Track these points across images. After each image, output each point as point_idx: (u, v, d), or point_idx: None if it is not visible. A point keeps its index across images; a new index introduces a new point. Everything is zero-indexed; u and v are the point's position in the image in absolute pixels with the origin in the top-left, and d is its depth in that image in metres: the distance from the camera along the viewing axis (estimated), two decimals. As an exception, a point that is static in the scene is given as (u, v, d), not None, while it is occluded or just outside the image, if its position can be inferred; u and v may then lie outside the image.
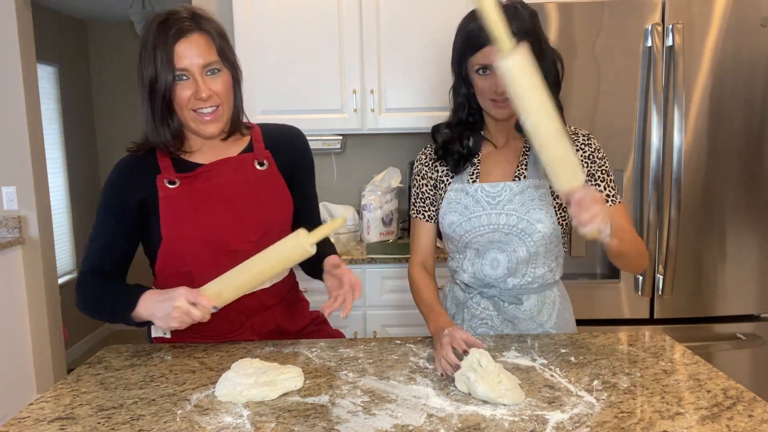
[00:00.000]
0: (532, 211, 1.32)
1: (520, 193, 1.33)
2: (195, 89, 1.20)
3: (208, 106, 1.22)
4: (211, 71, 1.21)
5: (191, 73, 1.19)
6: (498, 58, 1.03)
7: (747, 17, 2.10)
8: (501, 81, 1.17)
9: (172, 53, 1.18)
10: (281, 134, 1.41)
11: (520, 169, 1.37)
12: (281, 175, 1.37)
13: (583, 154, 1.34)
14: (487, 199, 1.35)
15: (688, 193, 2.15)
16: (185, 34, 1.19)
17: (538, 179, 1.34)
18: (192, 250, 1.27)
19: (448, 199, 1.39)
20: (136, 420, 0.98)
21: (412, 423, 0.94)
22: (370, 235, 2.71)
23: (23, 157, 2.97)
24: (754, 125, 2.15)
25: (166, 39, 1.18)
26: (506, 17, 1.13)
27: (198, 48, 1.19)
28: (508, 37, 1.02)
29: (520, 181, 1.35)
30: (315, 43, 2.58)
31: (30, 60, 3.01)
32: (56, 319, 3.21)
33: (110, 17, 4.43)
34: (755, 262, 2.21)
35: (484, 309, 1.42)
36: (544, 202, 1.33)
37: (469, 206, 1.36)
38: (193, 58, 1.19)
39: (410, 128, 2.67)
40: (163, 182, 1.28)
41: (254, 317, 1.36)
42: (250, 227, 1.30)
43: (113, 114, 4.63)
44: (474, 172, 1.40)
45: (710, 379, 1.08)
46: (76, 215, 4.37)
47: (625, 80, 2.13)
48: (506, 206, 1.33)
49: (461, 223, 1.37)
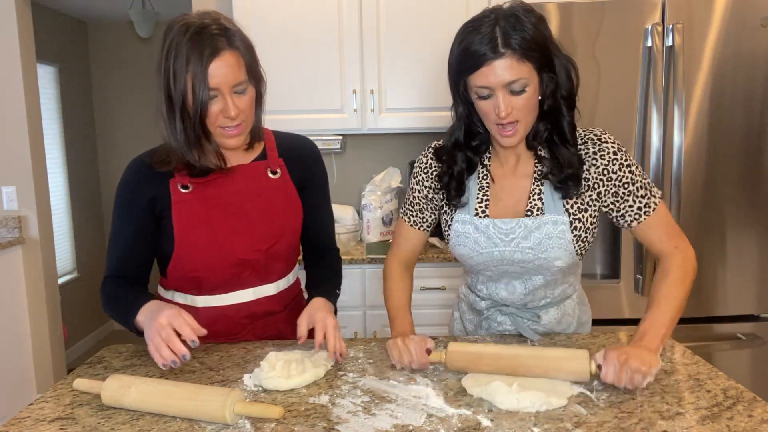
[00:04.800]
0: (549, 250, 1.21)
1: (536, 230, 1.21)
2: (223, 106, 1.18)
3: (234, 125, 1.21)
4: (239, 91, 1.20)
5: (221, 91, 1.17)
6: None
7: (747, 17, 2.10)
8: (504, 101, 1.11)
9: (207, 72, 1.14)
10: (295, 144, 1.40)
11: (533, 200, 1.23)
12: (293, 185, 1.36)
13: (596, 170, 1.20)
14: (499, 235, 1.24)
15: (688, 193, 2.15)
16: (219, 53, 1.15)
17: (556, 214, 1.21)
18: (201, 255, 1.27)
19: (455, 231, 1.28)
20: (136, 420, 0.98)
21: (412, 423, 0.94)
22: (370, 235, 2.71)
23: (23, 157, 2.97)
24: (754, 125, 2.15)
25: (201, 57, 1.13)
26: (507, 28, 1.08)
27: (229, 68, 1.16)
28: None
29: (535, 216, 1.22)
30: (315, 43, 2.58)
31: (30, 60, 3.01)
32: (56, 319, 3.21)
33: (110, 17, 4.42)
34: (755, 262, 2.21)
35: (500, 323, 1.38)
36: (563, 240, 1.21)
37: (480, 242, 1.26)
38: (224, 77, 1.16)
39: (410, 128, 2.67)
40: (176, 186, 1.27)
41: (257, 321, 1.37)
42: (260, 237, 1.31)
43: (113, 114, 4.63)
44: (483, 201, 1.27)
45: (710, 379, 1.08)
46: (76, 215, 4.37)
47: (625, 80, 2.13)
48: (521, 243, 1.23)
49: (472, 256, 1.28)
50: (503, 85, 1.10)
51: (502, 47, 1.07)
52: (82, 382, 1.07)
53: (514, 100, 1.11)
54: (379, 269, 2.45)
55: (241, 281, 1.32)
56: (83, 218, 4.46)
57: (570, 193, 1.21)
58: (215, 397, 0.96)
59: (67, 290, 4.02)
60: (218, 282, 1.30)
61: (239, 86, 1.19)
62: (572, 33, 2.12)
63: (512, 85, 1.10)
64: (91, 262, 4.52)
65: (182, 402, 0.98)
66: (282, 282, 1.38)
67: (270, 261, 1.33)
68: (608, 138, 1.21)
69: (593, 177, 1.21)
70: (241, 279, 1.32)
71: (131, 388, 1.01)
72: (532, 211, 1.23)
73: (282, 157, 1.36)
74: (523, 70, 1.09)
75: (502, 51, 1.07)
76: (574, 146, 1.20)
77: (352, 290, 2.47)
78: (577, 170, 1.20)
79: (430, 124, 2.65)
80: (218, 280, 1.30)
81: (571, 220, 1.21)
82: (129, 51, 4.56)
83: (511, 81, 1.09)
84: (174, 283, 1.33)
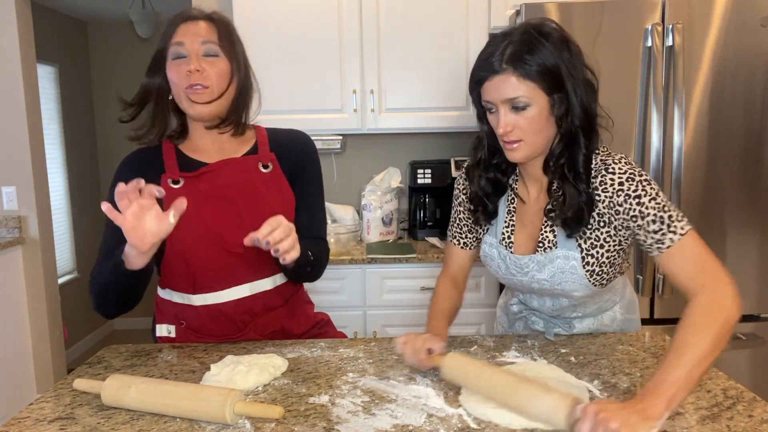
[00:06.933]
0: (564, 283, 1.21)
1: (549, 264, 1.21)
2: (189, 66, 1.23)
3: (197, 83, 1.23)
4: (208, 53, 1.25)
5: (188, 49, 1.23)
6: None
7: (747, 17, 2.10)
8: (505, 118, 1.11)
9: (174, 32, 1.25)
10: (287, 138, 1.41)
11: (546, 233, 1.21)
12: (285, 178, 1.36)
13: (603, 205, 1.14)
14: (516, 267, 1.25)
15: (688, 193, 2.15)
16: (192, 19, 1.26)
17: (567, 250, 1.19)
18: (194, 249, 1.27)
19: (483, 251, 1.32)
20: (136, 420, 0.98)
21: (412, 423, 0.94)
22: (370, 235, 2.71)
23: (23, 157, 2.97)
24: (754, 125, 2.15)
25: (172, 22, 1.25)
26: (517, 46, 1.08)
27: (199, 30, 1.25)
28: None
29: (546, 252, 1.21)
30: (315, 43, 2.58)
31: (30, 60, 3.01)
32: (56, 319, 3.21)
33: (110, 17, 4.43)
34: (755, 262, 2.21)
35: (534, 322, 1.39)
36: (576, 275, 1.19)
37: (502, 268, 1.28)
38: (193, 37, 1.24)
39: (410, 128, 2.67)
40: (167, 182, 1.29)
41: (258, 318, 1.37)
42: (250, 228, 1.30)
43: (113, 114, 4.62)
44: (510, 226, 1.27)
45: (710, 379, 1.08)
46: (76, 215, 4.37)
47: (625, 80, 2.13)
48: (536, 276, 1.23)
49: (498, 276, 1.32)
50: (503, 101, 1.10)
51: (505, 64, 1.08)
52: (82, 382, 1.07)
53: (517, 117, 1.11)
54: (379, 269, 2.45)
55: (235, 276, 1.32)
56: (83, 218, 4.46)
57: (573, 232, 1.17)
58: (215, 397, 0.96)
59: (67, 290, 4.01)
60: (212, 276, 1.30)
61: (208, 46, 1.25)
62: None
63: (513, 102, 1.09)
64: (91, 262, 4.47)
65: (182, 402, 0.98)
66: (278, 277, 1.37)
67: (263, 254, 1.32)
68: (617, 168, 1.13)
69: (605, 212, 1.15)
70: (235, 273, 1.31)
71: (131, 388, 1.01)
72: (543, 243, 1.21)
73: (273, 151, 1.37)
74: (524, 89, 1.08)
75: (504, 67, 1.08)
76: (585, 182, 1.15)
77: (352, 290, 2.47)
78: (581, 211, 1.14)
79: (430, 124, 2.65)
80: (212, 275, 1.30)
81: (583, 256, 1.18)
82: (129, 51, 4.56)
83: (511, 98, 1.09)
84: (169, 281, 1.33)
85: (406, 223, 2.91)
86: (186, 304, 1.33)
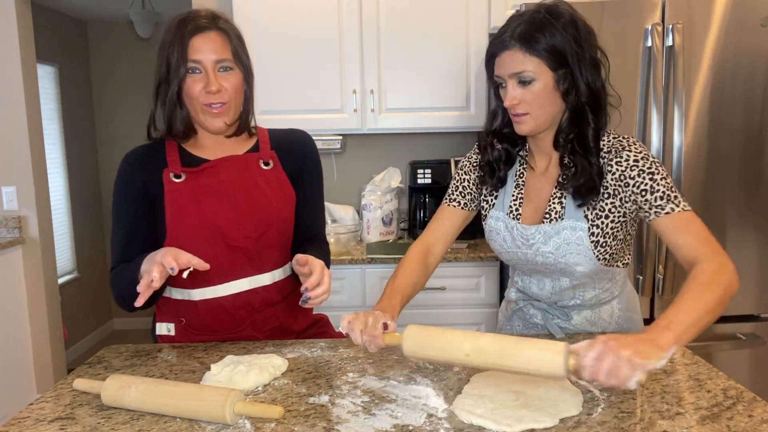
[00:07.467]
0: (569, 255, 1.23)
1: (555, 235, 1.24)
2: (206, 83, 1.23)
3: (217, 101, 1.25)
4: (223, 68, 1.25)
5: (204, 67, 1.23)
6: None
7: (747, 17, 2.10)
8: (512, 92, 1.18)
9: (187, 46, 1.22)
10: (289, 137, 1.43)
11: (554, 204, 1.26)
12: (286, 176, 1.38)
13: (613, 177, 1.20)
14: (521, 239, 1.28)
15: (688, 193, 2.15)
16: (202, 31, 1.23)
17: (575, 220, 1.22)
18: (194, 243, 1.28)
19: (489, 226, 1.34)
20: (136, 420, 0.98)
21: (412, 423, 0.94)
22: (370, 235, 2.71)
23: (23, 157, 2.97)
24: (754, 125, 2.15)
25: (183, 34, 1.22)
26: (527, 24, 1.15)
27: (213, 44, 1.23)
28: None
29: (553, 222, 1.24)
30: (315, 43, 2.58)
31: (30, 60, 3.01)
32: (56, 319, 3.21)
33: (110, 17, 4.43)
34: (755, 262, 2.21)
35: (532, 315, 1.39)
36: (582, 246, 1.22)
37: (507, 241, 1.30)
38: (207, 53, 1.23)
39: (410, 128, 2.67)
40: (169, 176, 1.30)
41: (257, 314, 1.37)
42: (250, 223, 1.32)
43: (113, 114, 4.64)
44: (518, 199, 1.31)
45: (710, 379, 1.08)
46: (76, 215, 4.37)
47: (625, 80, 2.13)
48: (541, 248, 1.26)
49: (501, 252, 1.34)
50: (510, 75, 1.18)
51: (514, 40, 1.16)
52: (82, 382, 1.07)
53: (524, 91, 1.18)
54: (378, 269, 2.45)
55: (235, 270, 1.32)
56: (83, 218, 4.46)
57: (585, 201, 1.21)
58: (215, 397, 0.96)
59: (67, 290, 4.01)
60: (211, 270, 1.29)
61: (224, 63, 1.25)
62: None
63: (520, 76, 1.17)
64: (91, 262, 4.52)
65: (182, 402, 0.98)
66: (278, 272, 1.38)
67: (262, 249, 1.34)
68: (633, 148, 1.20)
69: (612, 184, 1.21)
70: (235, 268, 1.32)
71: (131, 388, 1.01)
72: (550, 214, 1.25)
73: (274, 150, 1.39)
74: (529, 64, 1.15)
75: (513, 43, 1.16)
76: (595, 155, 1.20)
77: (352, 290, 2.47)
78: (592, 181, 1.20)
79: (430, 124, 2.65)
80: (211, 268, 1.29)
81: (590, 226, 1.22)
82: (129, 51, 4.56)
83: (517, 72, 1.16)
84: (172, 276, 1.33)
85: (406, 223, 2.92)
86: (185, 300, 1.34)
